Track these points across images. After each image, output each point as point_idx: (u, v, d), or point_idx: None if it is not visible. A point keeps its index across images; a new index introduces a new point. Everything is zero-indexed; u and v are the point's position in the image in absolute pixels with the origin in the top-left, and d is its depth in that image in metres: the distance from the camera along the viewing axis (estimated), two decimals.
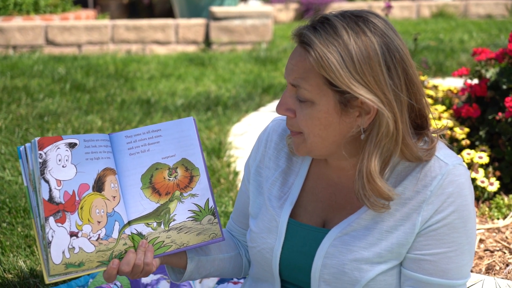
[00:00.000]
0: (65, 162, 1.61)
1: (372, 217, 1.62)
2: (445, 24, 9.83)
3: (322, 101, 1.53)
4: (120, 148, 1.68)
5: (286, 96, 1.60)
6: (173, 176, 1.68)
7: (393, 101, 1.50)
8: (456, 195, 1.57)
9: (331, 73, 1.48)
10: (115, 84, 6.21)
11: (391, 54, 1.50)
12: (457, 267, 1.60)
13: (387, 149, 1.54)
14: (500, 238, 2.89)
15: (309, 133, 1.57)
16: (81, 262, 1.59)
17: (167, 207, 1.68)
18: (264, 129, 1.88)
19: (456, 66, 6.53)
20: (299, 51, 1.55)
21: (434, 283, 1.59)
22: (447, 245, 1.58)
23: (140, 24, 8.13)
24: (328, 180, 1.72)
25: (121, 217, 1.66)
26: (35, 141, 1.58)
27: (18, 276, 2.67)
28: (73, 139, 1.63)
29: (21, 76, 6.46)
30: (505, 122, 3.24)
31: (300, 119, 1.58)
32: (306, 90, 1.54)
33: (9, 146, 4.22)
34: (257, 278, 1.83)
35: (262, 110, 5.36)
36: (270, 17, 8.27)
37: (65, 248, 1.57)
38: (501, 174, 3.28)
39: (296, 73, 1.55)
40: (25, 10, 8.87)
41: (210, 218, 1.69)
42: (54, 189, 1.58)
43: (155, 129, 1.69)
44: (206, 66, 7.13)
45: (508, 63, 3.41)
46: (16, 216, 3.20)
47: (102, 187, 1.64)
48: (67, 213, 1.58)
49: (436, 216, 1.57)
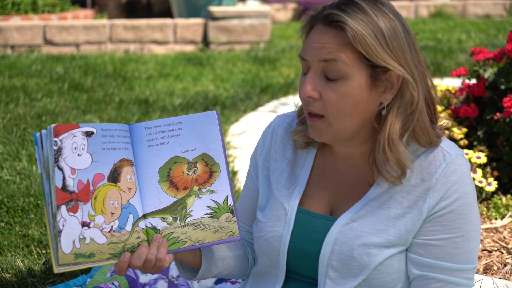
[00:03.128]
0: (80, 151, 1.57)
1: (380, 204, 1.66)
2: (443, 24, 9.84)
3: (356, 75, 1.57)
4: (139, 139, 1.64)
5: (312, 77, 1.60)
6: (192, 171, 1.64)
7: (416, 74, 1.59)
8: (460, 183, 1.62)
9: (367, 47, 1.54)
10: (113, 84, 6.20)
11: (408, 33, 1.61)
12: (464, 252, 1.63)
13: (407, 120, 1.61)
14: (498, 238, 2.89)
15: (338, 113, 1.60)
16: (92, 253, 1.56)
17: (184, 202, 1.64)
18: (268, 125, 1.91)
19: (454, 66, 6.53)
20: (327, 31, 1.58)
21: (442, 267, 1.63)
22: (454, 231, 1.62)
23: (138, 23, 8.12)
24: (334, 169, 1.76)
25: (136, 210, 1.62)
26: (51, 128, 1.54)
27: (16, 276, 2.67)
28: (91, 127, 1.59)
29: (19, 75, 6.46)
30: (503, 122, 3.24)
31: (329, 99, 1.59)
32: (342, 63, 1.56)
33: (7, 146, 4.21)
34: (260, 273, 1.84)
35: (260, 110, 5.36)
36: (268, 17, 8.27)
37: (76, 238, 1.54)
38: (499, 174, 3.28)
39: (328, 49, 1.57)
40: (23, 10, 8.87)
41: (228, 216, 1.64)
42: (68, 178, 1.55)
43: (177, 121, 1.65)
44: (204, 65, 7.13)
45: (506, 63, 3.41)
46: (14, 216, 3.19)
47: (118, 178, 1.60)
48: (80, 202, 1.55)
49: (441, 203, 1.62)
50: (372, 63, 1.56)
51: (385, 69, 1.57)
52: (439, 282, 1.63)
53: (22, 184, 3.58)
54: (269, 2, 11.28)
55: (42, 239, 2.95)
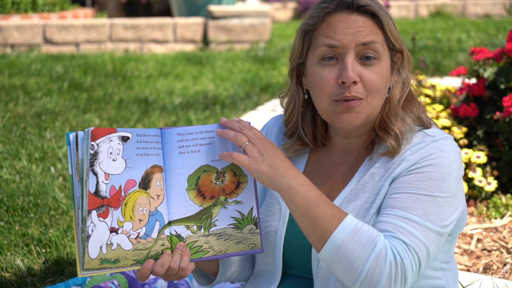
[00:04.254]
0: (116, 156, 1.55)
1: (362, 186, 1.69)
2: (443, 24, 9.83)
3: (385, 57, 1.69)
4: (171, 145, 1.63)
5: (352, 61, 1.65)
6: (220, 180, 1.62)
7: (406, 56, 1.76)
8: (438, 155, 1.63)
9: (394, 32, 1.69)
10: (113, 83, 6.20)
11: None
12: (424, 208, 1.58)
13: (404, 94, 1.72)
14: (498, 237, 2.89)
15: (377, 92, 1.66)
16: (117, 259, 1.55)
17: (209, 211, 1.63)
18: (262, 126, 1.93)
19: (454, 66, 6.53)
20: (355, 17, 1.67)
21: (397, 215, 1.57)
22: (416, 189, 1.60)
23: (138, 23, 8.12)
24: (329, 162, 1.79)
25: (162, 217, 1.62)
26: (88, 131, 1.52)
27: (15, 275, 2.67)
28: (127, 132, 1.57)
29: (19, 74, 6.45)
30: (503, 121, 3.24)
31: (371, 79, 1.65)
32: (380, 44, 1.67)
33: (7, 145, 4.21)
34: (257, 272, 1.86)
35: (260, 109, 5.36)
36: (268, 16, 8.27)
37: (103, 244, 1.53)
38: (499, 173, 3.28)
39: (366, 31, 1.66)
40: (23, 9, 8.86)
41: (252, 228, 1.62)
42: (101, 183, 1.53)
43: (209, 129, 1.63)
44: (204, 65, 7.13)
45: (506, 62, 3.41)
46: (14, 215, 3.19)
47: (149, 184, 1.59)
48: (110, 208, 1.54)
49: (411, 167, 1.63)
50: (393, 46, 1.70)
51: (395, 51, 1.71)
52: (391, 225, 1.57)
53: (21, 183, 3.58)
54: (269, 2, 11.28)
55: (41, 238, 2.95)
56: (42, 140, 4.35)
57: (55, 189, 3.48)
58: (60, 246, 2.89)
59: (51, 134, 4.50)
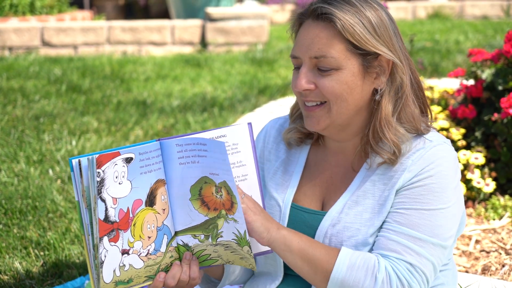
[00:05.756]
0: (121, 179, 1.54)
1: (364, 192, 1.70)
2: (441, 25, 9.84)
3: (348, 65, 1.63)
4: (171, 156, 1.62)
5: (305, 71, 1.65)
6: (219, 194, 1.61)
7: (402, 59, 1.66)
8: (436, 164, 1.65)
9: (357, 36, 1.61)
10: (111, 85, 6.20)
11: (393, 22, 1.68)
12: (430, 224, 1.63)
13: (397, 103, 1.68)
14: (496, 238, 2.89)
15: (336, 99, 1.65)
16: (130, 279, 1.56)
17: (215, 222, 1.61)
18: (261, 129, 1.95)
19: (452, 67, 6.54)
20: (316, 25, 1.64)
21: (405, 233, 1.62)
22: (421, 204, 1.64)
23: (136, 25, 8.12)
24: (325, 164, 1.80)
25: (169, 230, 1.62)
26: (93, 159, 1.49)
27: (14, 278, 2.67)
28: (130, 153, 1.56)
29: (17, 77, 6.45)
30: (500, 123, 3.25)
31: (326, 86, 1.64)
32: (332, 58, 1.62)
33: (5, 148, 4.21)
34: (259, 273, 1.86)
35: (258, 111, 5.36)
36: (266, 18, 8.27)
37: (116, 267, 1.54)
38: (497, 175, 3.28)
39: (318, 44, 1.63)
40: (21, 11, 8.86)
41: (248, 250, 1.60)
42: (110, 208, 1.52)
43: (202, 142, 1.60)
44: (202, 67, 7.13)
45: (504, 64, 3.41)
46: (12, 218, 3.19)
47: (154, 200, 1.59)
48: (120, 231, 1.54)
49: (413, 179, 1.65)
50: (363, 51, 1.62)
51: (375, 55, 1.63)
52: (399, 245, 1.62)
53: (20, 186, 3.58)
54: (267, 3, 11.28)
55: (40, 241, 2.95)
56: (40, 143, 4.35)
57: (54, 191, 3.48)
58: (59, 248, 2.88)
59: (49, 137, 4.50)
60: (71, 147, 4.30)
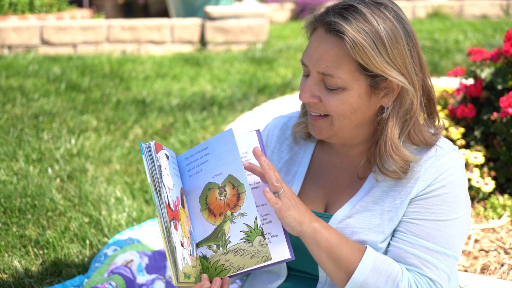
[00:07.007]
0: (166, 171, 1.56)
1: (374, 199, 1.69)
2: (440, 24, 9.84)
3: (355, 86, 1.59)
4: (183, 170, 1.65)
5: (311, 84, 1.63)
6: (223, 195, 1.61)
7: (415, 81, 1.61)
8: (448, 173, 1.65)
9: (366, 58, 1.55)
10: (110, 84, 6.20)
11: (410, 38, 1.60)
12: (444, 235, 1.64)
13: (404, 125, 1.64)
14: (495, 238, 2.89)
15: (339, 116, 1.62)
16: (189, 275, 1.56)
17: (222, 228, 1.61)
18: (264, 127, 1.93)
19: (451, 66, 6.54)
20: (327, 39, 1.59)
21: (421, 245, 1.63)
22: (435, 215, 1.64)
23: (136, 24, 8.12)
24: (330, 166, 1.79)
25: (193, 238, 1.63)
26: (151, 144, 1.52)
27: (13, 276, 2.67)
28: (167, 151, 1.59)
29: (16, 76, 6.45)
30: (500, 122, 3.25)
31: (329, 104, 1.61)
32: (339, 79, 1.58)
33: (4, 146, 4.21)
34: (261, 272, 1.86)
35: (257, 110, 5.36)
36: (265, 17, 8.26)
37: (183, 257, 1.54)
38: (496, 174, 3.28)
39: (326, 61, 1.59)
40: (20, 10, 8.85)
41: (260, 240, 1.58)
42: (168, 195, 1.54)
43: (203, 147, 1.62)
44: (201, 66, 7.13)
45: (503, 63, 3.41)
46: (11, 216, 3.19)
47: (184, 204, 1.60)
48: (177, 222, 1.54)
49: (426, 189, 1.65)
50: (372, 72, 1.57)
51: (384, 77, 1.59)
52: (417, 259, 1.63)
53: (19, 184, 3.57)
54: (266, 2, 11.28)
55: (39, 239, 2.94)
56: (39, 142, 4.35)
57: (53, 190, 3.47)
58: (58, 247, 2.88)
59: (48, 136, 4.50)
60: (70, 145, 4.30)
